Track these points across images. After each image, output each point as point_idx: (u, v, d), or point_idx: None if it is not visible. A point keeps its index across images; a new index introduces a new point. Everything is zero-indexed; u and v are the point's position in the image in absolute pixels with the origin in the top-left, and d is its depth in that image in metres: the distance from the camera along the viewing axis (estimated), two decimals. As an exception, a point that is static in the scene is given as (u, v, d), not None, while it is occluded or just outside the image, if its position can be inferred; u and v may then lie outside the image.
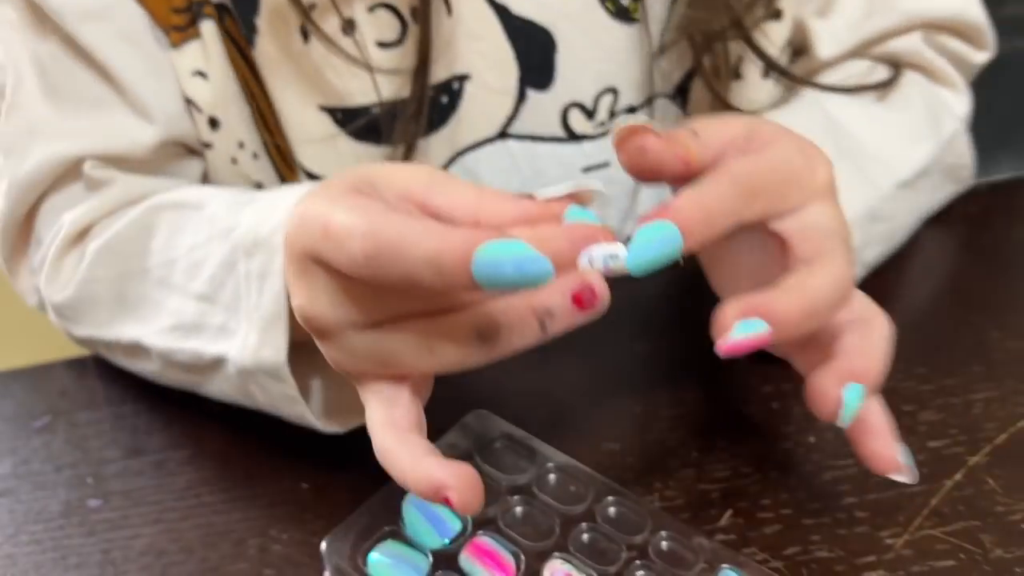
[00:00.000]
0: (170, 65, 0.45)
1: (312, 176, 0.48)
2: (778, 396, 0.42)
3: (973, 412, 0.40)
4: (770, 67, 0.48)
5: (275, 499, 0.40)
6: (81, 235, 0.46)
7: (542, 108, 0.48)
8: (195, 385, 0.43)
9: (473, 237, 0.25)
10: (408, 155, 0.46)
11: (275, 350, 0.36)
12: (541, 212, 0.28)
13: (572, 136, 0.49)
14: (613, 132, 0.31)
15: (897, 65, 0.50)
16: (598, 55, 0.47)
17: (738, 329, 0.28)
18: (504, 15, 0.45)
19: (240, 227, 0.38)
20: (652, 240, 0.27)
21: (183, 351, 0.41)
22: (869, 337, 0.31)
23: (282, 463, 0.42)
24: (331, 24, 0.43)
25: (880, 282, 0.48)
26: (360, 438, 0.42)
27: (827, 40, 0.49)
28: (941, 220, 0.53)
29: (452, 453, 0.39)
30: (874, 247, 0.45)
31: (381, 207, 0.28)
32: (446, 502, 0.28)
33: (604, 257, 0.26)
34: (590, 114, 0.48)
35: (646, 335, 0.46)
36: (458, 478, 0.28)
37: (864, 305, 0.32)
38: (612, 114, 0.49)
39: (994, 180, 0.55)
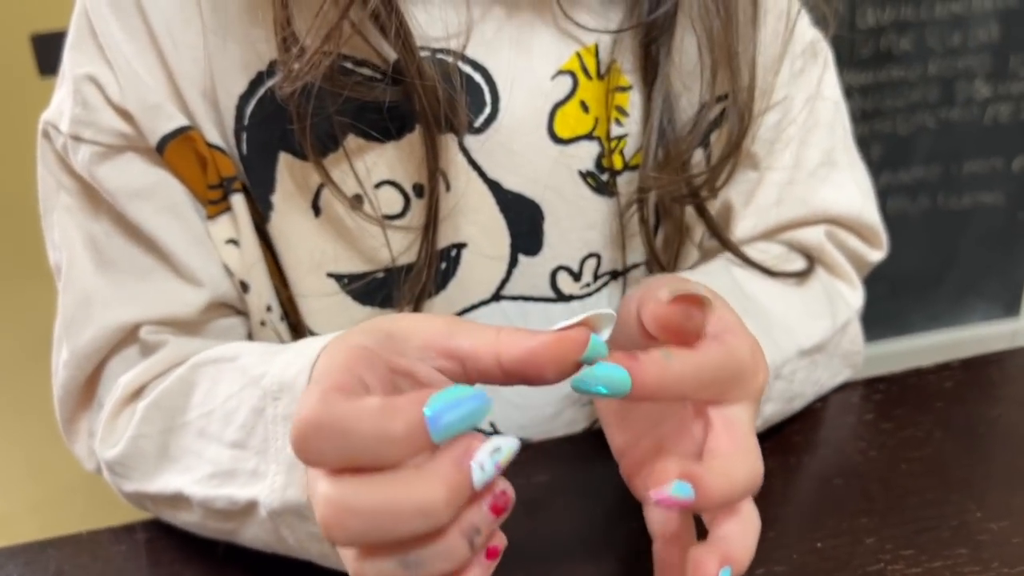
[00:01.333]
0: (209, 233, 0.50)
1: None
2: (770, 573, 0.43)
3: (961, 597, 0.41)
4: (717, 238, 0.52)
5: None
6: (134, 395, 0.49)
7: (532, 272, 0.51)
8: (232, 534, 0.44)
9: (417, 396, 0.27)
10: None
11: (299, 489, 0.38)
12: (558, 340, 0.31)
13: (561, 297, 0.52)
14: (673, 293, 0.34)
15: (810, 256, 0.55)
16: (581, 224, 0.51)
17: (675, 488, 0.31)
18: (497, 190, 0.49)
19: (269, 374, 0.40)
20: (607, 377, 0.31)
21: (220, 498, 0.42)
22: (747, 531, 0.33)
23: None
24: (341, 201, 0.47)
25: (862, 460, 0.50)
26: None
27: (742, 223, 0.54)
28: (917, 397, 0.55)
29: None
30: (772, 403, 0.49)
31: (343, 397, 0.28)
32: None
33: (491, 456, 0.28)
34: (576, 276, 0.52)
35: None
36: None
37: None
38: (596, 276, 0.52)
39: (964, 357, 0.58)
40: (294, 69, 0.43)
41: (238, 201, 0.49)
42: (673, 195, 0.50)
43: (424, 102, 0.44)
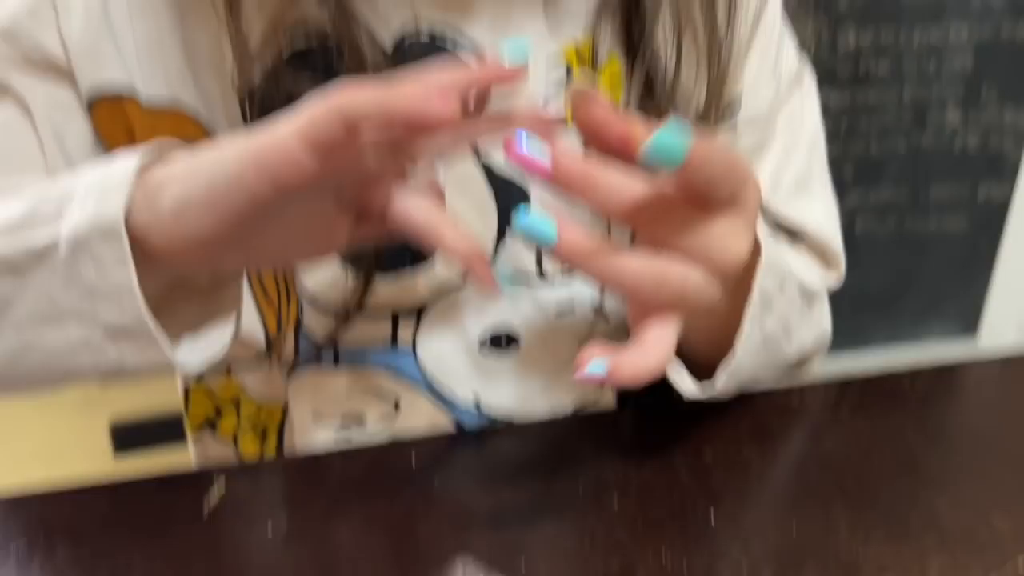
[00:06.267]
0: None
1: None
2: (746, 553, 0.44)
3: (929, 582, 0.43)
4: None
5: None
6: None
7: (519, 250, 0.52)
8: (6, 303, 0.41)
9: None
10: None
11: (116, 207, 0.37)
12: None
13: (544, 276, 0.54)
14: (569, 97, 0.38)
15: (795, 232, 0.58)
16: (564, 204, 0.52)
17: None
18: (487, 171, 0.51)
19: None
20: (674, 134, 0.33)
21: (8, 251, 0.40)
22: (640, 363, 0.37)
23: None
24: None
25: (837, 453, 0.52)
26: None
27: None
28: (892, 400, 0.57)
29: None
30: (772, 317, 0.48)
31: None
32: None
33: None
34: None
35: (629, 495, 0.48)
36: None
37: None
38: None
39: (937, 363, 0.60)
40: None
41: None
42: None
43: None
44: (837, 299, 0.61)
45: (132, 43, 0.47)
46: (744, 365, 0.47)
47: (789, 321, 0.51)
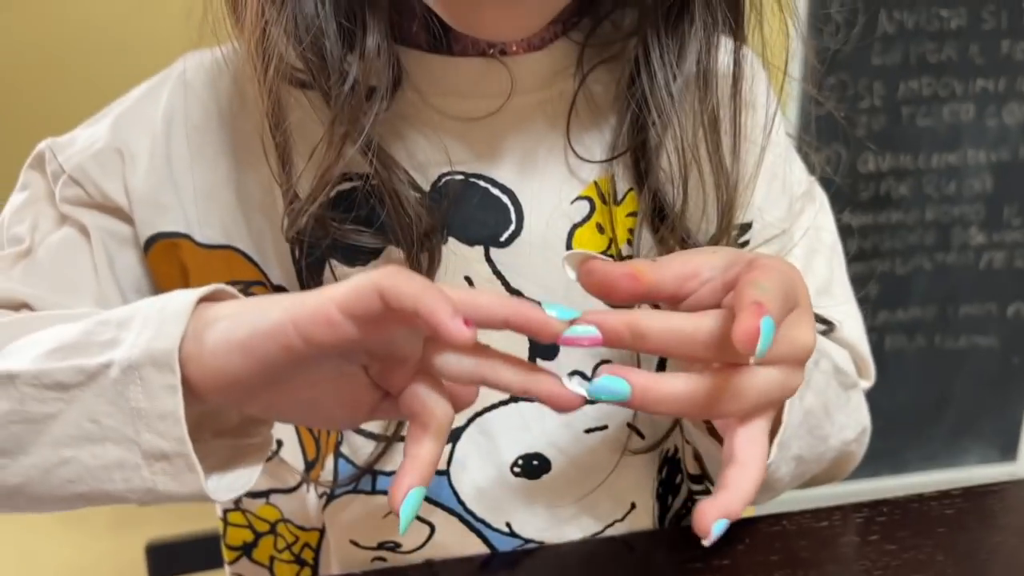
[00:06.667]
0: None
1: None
2: None
3: None
4: None
5: None
6: None
7: None
8: (45, 423, 0.40)
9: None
10: None
11: (170, 340, 0.38)
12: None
13: None
14: (565, 264, 0.41)
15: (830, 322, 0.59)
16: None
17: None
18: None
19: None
20: None
21: (60, 370, 0.40)
22: (744, 479, 0.39)
23: None
24: None
25: (869, 578, 0.52)
26: None
27: None
28: (919, 521, 0.57)
29: None
30: (812, 393, 0.50)
31: None
32: None
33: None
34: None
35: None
36: None
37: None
38: None
39: (967, 485, 0.60)
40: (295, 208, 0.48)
41: None
42: None
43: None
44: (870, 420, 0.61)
45: (191, 192, 0.51)
46: (790, 440, 0.48)
47: (827, 398, 0.52)
